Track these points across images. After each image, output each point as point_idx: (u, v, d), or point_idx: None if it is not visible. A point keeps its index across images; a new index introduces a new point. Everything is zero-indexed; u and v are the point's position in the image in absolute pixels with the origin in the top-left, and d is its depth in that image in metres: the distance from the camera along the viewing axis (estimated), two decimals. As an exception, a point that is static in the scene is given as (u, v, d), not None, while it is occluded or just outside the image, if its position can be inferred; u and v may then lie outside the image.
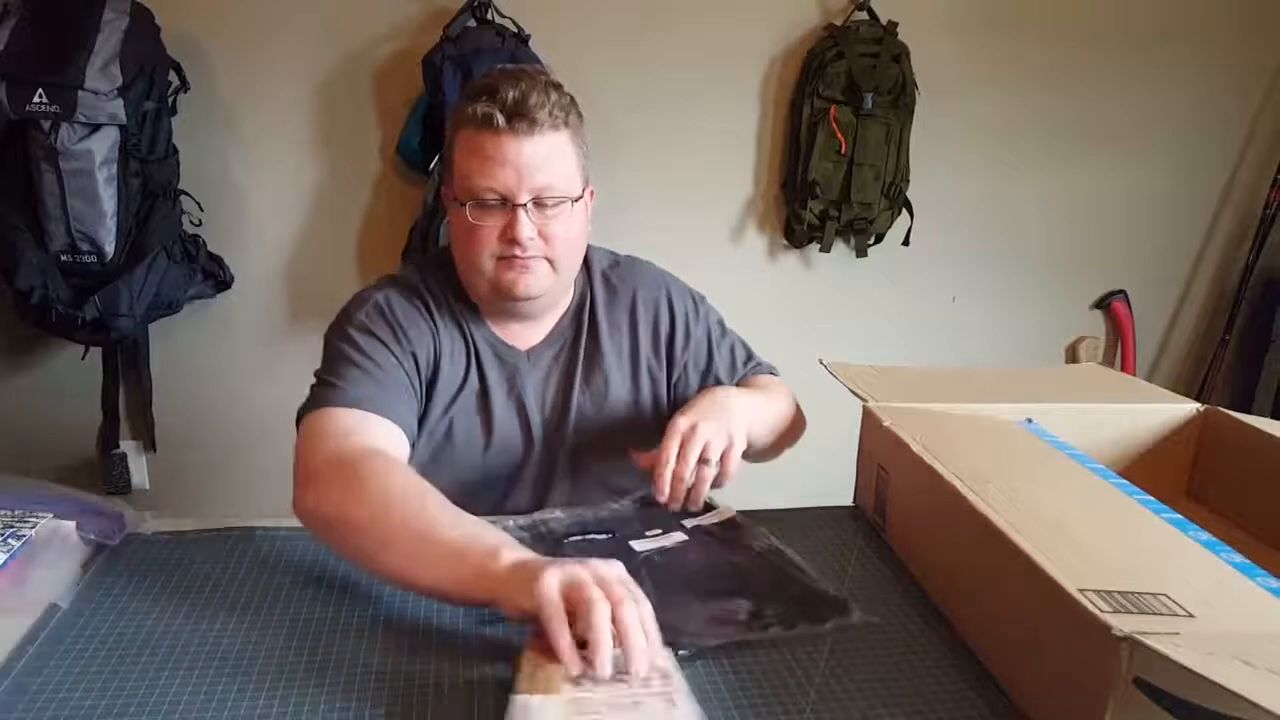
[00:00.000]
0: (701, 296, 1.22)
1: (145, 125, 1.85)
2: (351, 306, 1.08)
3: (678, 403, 1.15)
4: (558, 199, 1.01)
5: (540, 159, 0.99)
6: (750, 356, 1.23)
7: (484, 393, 1.10)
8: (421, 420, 1.07)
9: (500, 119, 0.97)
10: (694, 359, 1.18)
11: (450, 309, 1.10)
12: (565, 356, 1.13)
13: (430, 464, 1.09)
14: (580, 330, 1.13)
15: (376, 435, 0.95)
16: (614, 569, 0.71)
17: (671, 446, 0.94)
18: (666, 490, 0.93)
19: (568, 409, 1.12)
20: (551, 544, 0.93)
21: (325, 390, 0.98)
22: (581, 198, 1.06)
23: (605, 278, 1.17)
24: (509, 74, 1.00)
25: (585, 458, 1.13)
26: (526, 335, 1.12)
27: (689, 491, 0.95)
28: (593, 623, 0.65)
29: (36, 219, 1.80)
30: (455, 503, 0.93)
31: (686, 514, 1.00)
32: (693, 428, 0.95)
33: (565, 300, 1.14)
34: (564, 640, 0.65)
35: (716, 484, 0.98)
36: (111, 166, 1.80)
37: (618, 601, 0.67)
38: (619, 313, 1.15)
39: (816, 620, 0.82)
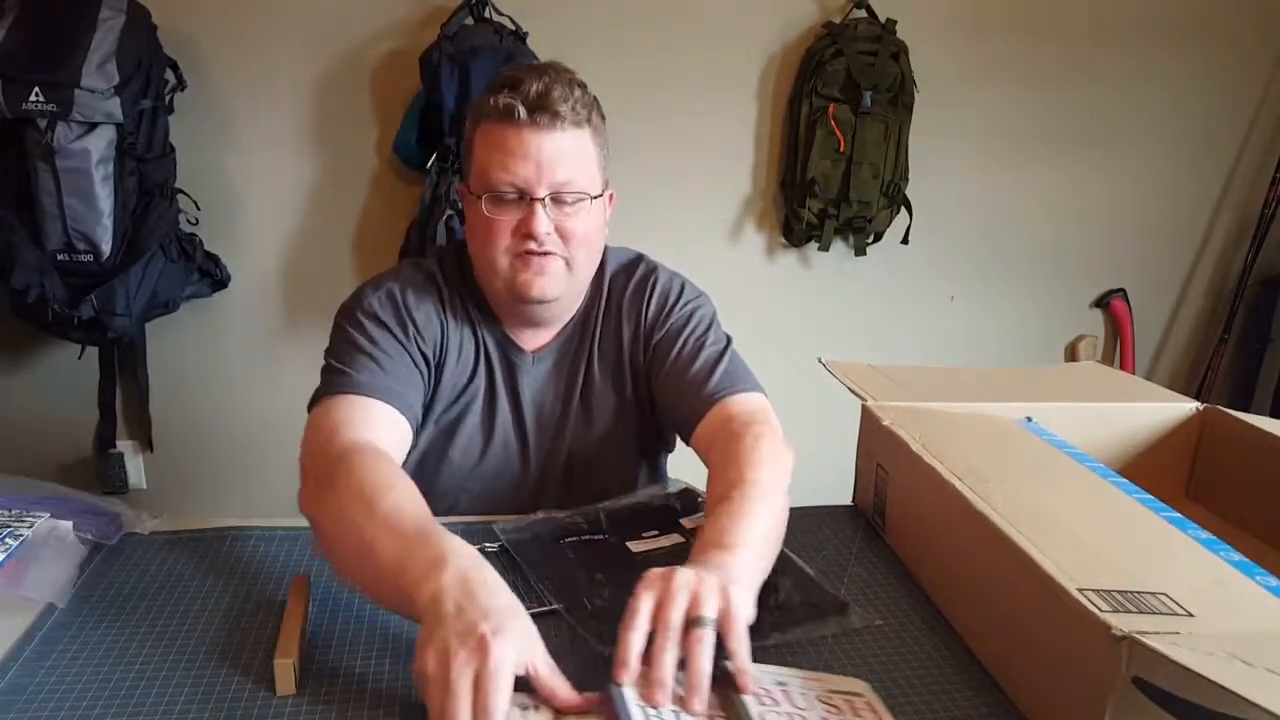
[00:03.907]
0: (699, 294, 1.15)
1: (142, 124, 1.85)
2: (365, 290, 1.06)
3: (655, 400, 1.10)
4: (577, 195, 0.99)
5: (561, 154, 0.97)
6: (721, 362, 1.06)
7: (490, 392, 1.09)
8: (426, 413, 1.05)
9: (522, 111, 0.95)
10: (666, 343, 1.08)
11: (463, 305, 1.08)
12: (568, 361, 1.11)
13: (428, 461, 1.08)
14: (585, 335, 1.11)
15: (377, 423, 0.93)
16: (492, 660, 0.61)
17: (640, 605, 0.67)
18: (629, 665, 0.64)
19: (566, 415, 1.10)
20: (548, 544, 0.93)
21: (333, 377, 0.97)
22: (600, 196, 1.04)
23: (613, 281, 1.13)
24: (533, 68, 0.98)
25: (579, 467, 1.11)
26: (535, 336, 1.10)
27: (684, 668, 0.65)
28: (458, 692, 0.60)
29: (33, 218, 1.80)
30: (450, 500, 0.93)
31: (684, 514, 0.99)
32: (668, 573, 0.69)
33: (577, 304, 1.11)
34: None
35: (736, 680, 0.67)
36: (108, 165, 1.80)
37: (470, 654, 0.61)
38: (610, 319, 1.12)
39: (816, 622, 0.82)
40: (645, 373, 1.11)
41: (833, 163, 2.14)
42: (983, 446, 0.95)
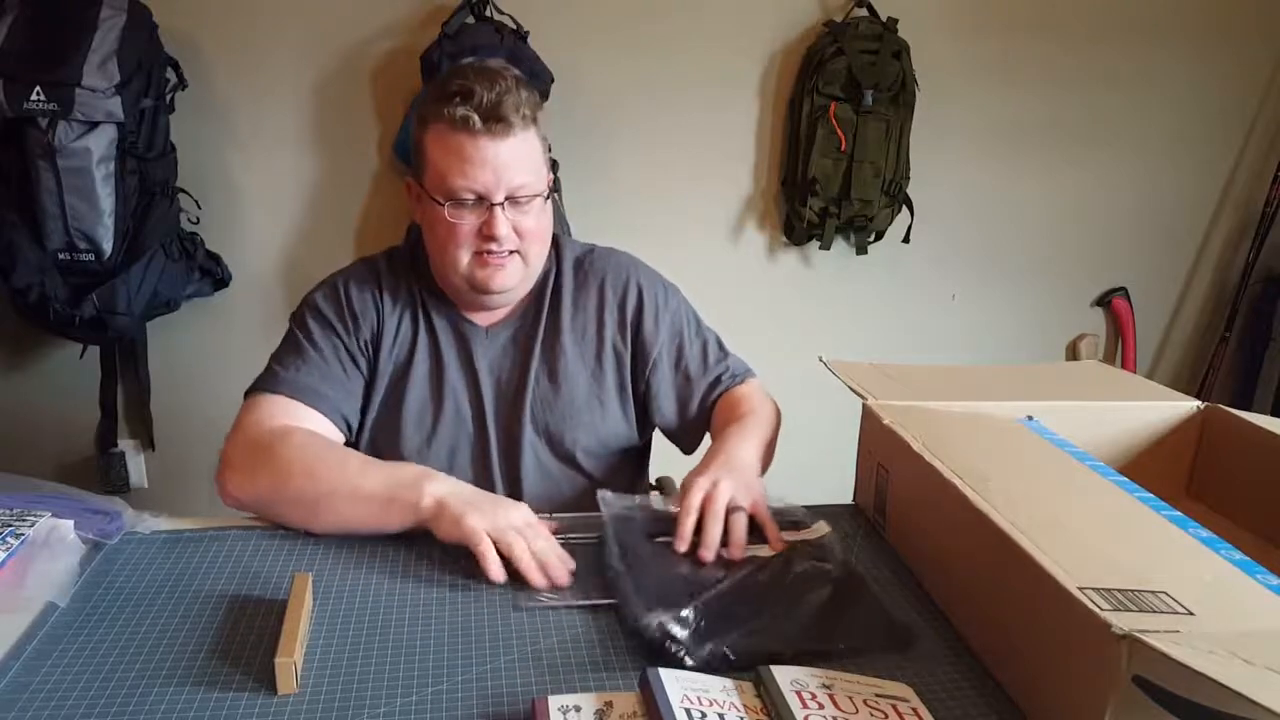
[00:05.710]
0: (674, 288, 1.24)
1: (143, 123, 1.85)
2: (314, 290, 1.16)
3: (652, 392, 1.20)
4: (530, 196, 1.07)
5: (515, 158, 1.05)
6: (724, 356, 1.24)
7: (437, 365, 1.15)
8: (371, 390, 1.14)
9: (477, 121, 1.02)
10: (666, 350, 1.20)
11: (407, 290, 1.16)
12: (524, 334, 1.17)
13: (380, 437, 1.14)
14: (541, 310, 1.17)
15: (300, 420, 1.05)
16: (518, 516, 0.91)
17: (693, 500, 0.94)
18: (687, 539, 0.92)
19: (524, 383, 1.15)
20: (637, 538, 0.92)
21: (268, 375, 1.09)
22: (549, 193, 1.11)
23: (576, 264, 1.21)
24: (482, 75, 1.04)
25: (546, 432, 1.16)
26: (490, 314, 1.17)
27: (727, 538, 0.92)
28: (515, 554, 0.87)
29: (34, 217, 1.80)
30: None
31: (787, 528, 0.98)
32: (715, 483, 0.95)
33: (530, 284, 1.17)
34: (494, 562, 0.87)
35: (769, 542, 0.95)
36: (109, 164, 1.80)
37: (531, 539, 0.89)
38: (584, 298, 1.19)
39: (882, 650, 0.79)
40: (643, 366, 1.19)
41: (834, 161, 2.14)
42: (984, 445, 0.95)
